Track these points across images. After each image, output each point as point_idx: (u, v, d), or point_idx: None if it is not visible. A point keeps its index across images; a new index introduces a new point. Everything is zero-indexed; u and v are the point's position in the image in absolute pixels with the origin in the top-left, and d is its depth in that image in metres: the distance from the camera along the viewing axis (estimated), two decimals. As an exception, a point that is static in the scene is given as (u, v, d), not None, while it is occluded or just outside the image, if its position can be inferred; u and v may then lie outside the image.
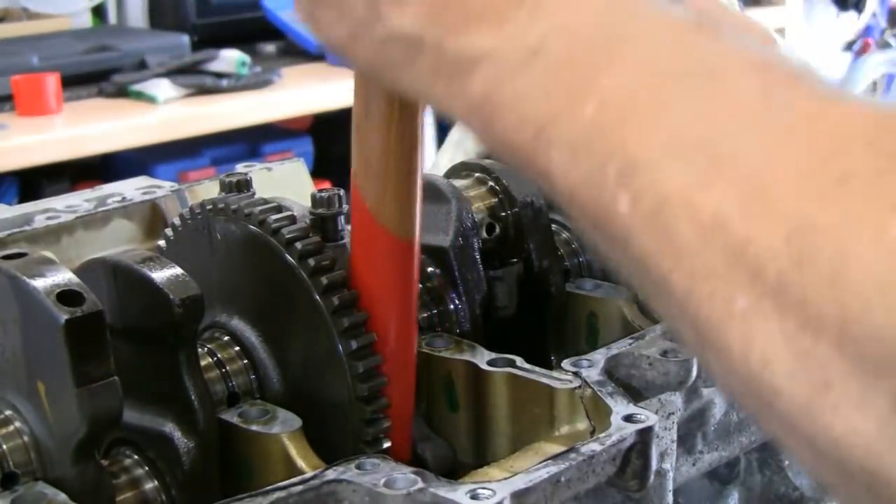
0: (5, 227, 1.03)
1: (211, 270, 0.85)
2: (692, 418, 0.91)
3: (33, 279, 0.70)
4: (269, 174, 1.18)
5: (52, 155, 2.86)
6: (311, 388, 0.82)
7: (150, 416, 0.78)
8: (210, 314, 0.83)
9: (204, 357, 0.83)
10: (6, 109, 2.92)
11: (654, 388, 0.84)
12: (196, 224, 0.86)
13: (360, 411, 0.80)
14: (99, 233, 1.07)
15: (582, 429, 0.81)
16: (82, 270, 0.78)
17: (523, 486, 0.69)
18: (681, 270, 0.49)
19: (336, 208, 0.84)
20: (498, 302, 0.96)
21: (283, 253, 0.81)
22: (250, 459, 0.79)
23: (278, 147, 3.32)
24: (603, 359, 0.84)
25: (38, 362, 0.71)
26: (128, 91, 3.00)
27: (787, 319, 0.46)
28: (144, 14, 3.59)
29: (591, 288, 0.99)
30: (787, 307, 0.46)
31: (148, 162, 3.02)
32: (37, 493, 0.71)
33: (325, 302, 0.79)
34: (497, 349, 0.87)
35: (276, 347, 0.84)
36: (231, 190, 0.88)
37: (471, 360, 0.86)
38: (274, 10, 3.36)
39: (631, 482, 0.76)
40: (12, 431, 0.74)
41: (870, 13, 4.28)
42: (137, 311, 0.78)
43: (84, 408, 0.69)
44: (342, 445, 0.80)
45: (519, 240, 0.98)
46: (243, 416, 0.80)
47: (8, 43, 3.20)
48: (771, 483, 1.09)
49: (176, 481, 0.78)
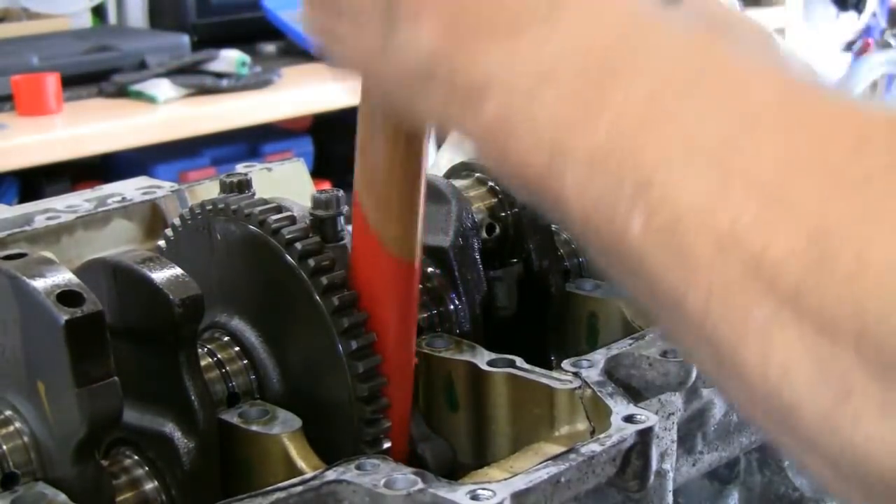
0: (5, 227, 1.03)
1: (211, 271, 0.85)
2: (692, 418, 0.91)
3: (33, 279, 0.70)
4: (269, 174, 1.18)
5: (52, 155, 2.86)
6: (311, 388, 0.82)
7: (150, 416, 0.78)
8: (210, 314, 0.83)
9: (204, 357, 0.83)
10: (6, 109, 2.92)
11: (654, 389, 0.84)
12: (196, 224, 0.86)
13: (360, 411, 0.80)
14: (99, 233, 1.07)
15: (582, 429, 0.81)
16: (82, 270, 0.78)
17: (523, 487, 0.69)
18: (696, 288, 0.48)
19: (336, 209, 0.84)
20: (498, 302, 0.96)
21: (283, 253, 0.81)
22: (250, 459, 0.79)
23: (278, 147, 3.32)
24: (603, 359, 0.84)
25: (38, 362, 0.71)
26: (128, 91, 3.00)
27: (804, 325, 0.45)
28: (144, 14, 3.59)
29: (591, 288, 0.99)
30: (805, 312, 0.45)
31: (148, 162, 3.02)
32: (37, 494, 0.71)
33: (325, 302, 0.79)
34: (497, 349, 0.87)
35: (276, 348, 0.84)
36: (231, 190, 0.88)
37: (471, 361, 0.86)
38: (274, 10, 3.36)
39: (631, 482, 0.76)
40: (12, 431, 0.74)
41: (870, 13, 4.28)
42: (137, 311, 0.78)
43: (84, 408, 0.69)
44: (342, 446, 0.80)
45: (519, 240, 0.98)
46: (243, 416, 0.80)
47: (8, 43, 3.20)
48: (771, 483, 1.09)
49: (176, 481, 0.78)
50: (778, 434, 0.49)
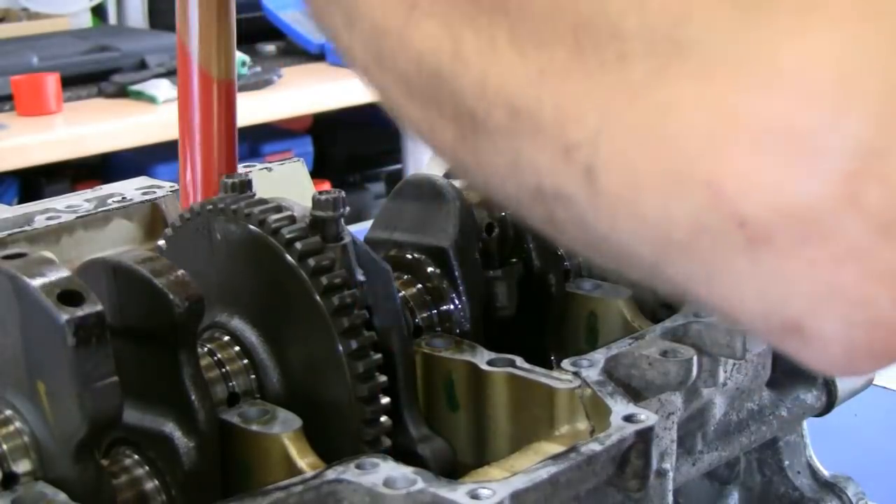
0: (5, 227, 1.03)
1: (211, 271, 0.85)
2: (692, 418, 0.92)
3: (33, 279, 0.70)
4: (269, 174, 1.18)
5: (52, 155, 2.87)
6: (311, 388, 0.83)
7: (150, 416, 0.78)
8: (210, 314, 0.83)
9: (204, 357, 0.83)
10: (6, 109, 2.92)
11: (654, 388, 0.84)
12: (196, 224, 0.86)
13: (360, 411, 0.80)
14: (99, 233, 1.07)
15: (582, 429, 0.81)
16: (82, 270, 0.78)
17: (523, 486, 0.69)
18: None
19: (337, 210, 0.84)
20: (498, 302, 0.96)
21: (283, 253, 0.81)
22: (250, 459, 0.79)
23: (278, 147, 3.32)
24: (603, 359, 0.84)
25: (38, 362, 0.71)
26: (128, 91, 3.01)
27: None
28: (144, 14, 3.60)
29: (591, 288, 0.99)
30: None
31: (148, 162, 3.03)
32: (37, 494, 0.71)
33: (325, 302, 0.80)
34: (497, 349, 0.87)
35: (276, 347, 0.84)
36: (231, 190, 0.88)
37: (471, 360, 0.86)
38: (274, 10, 3.36)
39: (631, 482, 0.76)
40: (12, 431, 0.74)
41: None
42: (137, 311, 0.78)
43: (84, 408, 0.69)
44: (342, 445, 0.80)
45: (519, 240, 0.98)
46: (243, 416, 0.80)
47: (8, 43, 3.21)
48: (771, 483, 1.09)
49: (176, 481, 0.78)
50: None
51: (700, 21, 0.43)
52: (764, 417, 1.02)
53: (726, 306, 0.47)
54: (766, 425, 1.02)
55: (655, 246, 0.46)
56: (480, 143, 0.50)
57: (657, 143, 0.44)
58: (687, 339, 0.88)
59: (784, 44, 0.41)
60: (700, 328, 0.88)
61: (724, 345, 0.88)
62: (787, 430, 1.07)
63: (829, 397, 1.06)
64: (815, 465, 1.10)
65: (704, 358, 0.88)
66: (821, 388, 1.06)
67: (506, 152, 0.49)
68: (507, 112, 0.48)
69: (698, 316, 0.89)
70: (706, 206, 0.43)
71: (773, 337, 0.46)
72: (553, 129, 0.46)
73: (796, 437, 1.09)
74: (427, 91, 0.51)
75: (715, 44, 0.42)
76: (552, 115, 0.46)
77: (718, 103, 0.42)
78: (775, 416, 1.03)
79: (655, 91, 0.43)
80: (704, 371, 0.88)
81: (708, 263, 0.45)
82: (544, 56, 0.46)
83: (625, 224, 0.46)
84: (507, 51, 0.47)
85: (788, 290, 0.44)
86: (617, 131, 0.45)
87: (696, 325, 0.88)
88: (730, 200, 0.42)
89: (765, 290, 0.44)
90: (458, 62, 0.49)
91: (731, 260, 0.44)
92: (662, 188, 0.44)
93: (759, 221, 0.42)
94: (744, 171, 0.42)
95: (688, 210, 0.44)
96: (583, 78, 0.45)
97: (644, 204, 0.45)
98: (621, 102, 0.44)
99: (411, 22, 0.50)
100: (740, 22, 0.42)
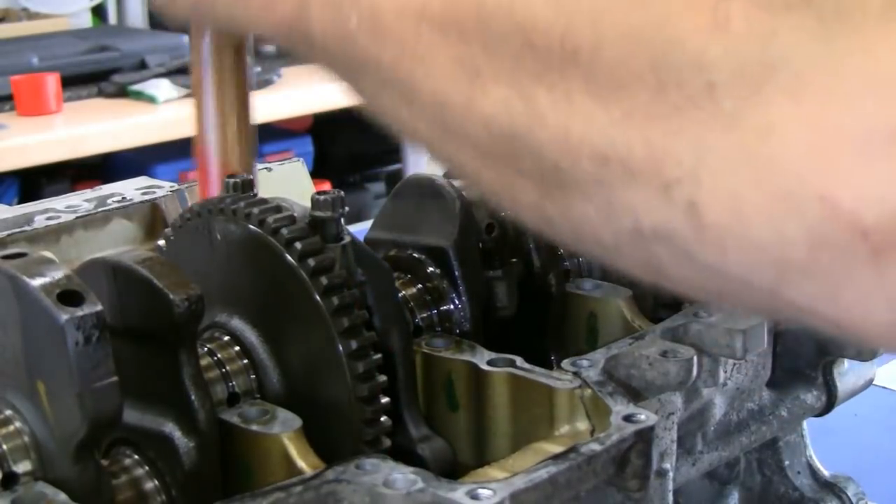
0: (5, 227, 1.03)
1: (211, 270, 0.85)
2: (692, 418, 0.92)
3: (33, 279, 0.70)
4: (269, 174, 1.18)
5: (52, 155, 2.87)
6: (310, 388, 0.83)
7: (150, 416, 0.78)
8: (210, 314, 0.83)
9: (204, 357, 0.83)
10: (6, 109, 2.92)
11: (654, 388, 0.84)
12: (196, 224, 0.86)
13: (360, 411, 0.80)
14: (99, 233, 1.07)
15: (582, 429, 0.81)
16: (82, 270, 0.78)
17: (523, 486, 0.69)
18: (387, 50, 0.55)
19: (336, 210, 0.84)
20: (498, 302, 0.96)
21: (283, 253, 0.81)
22: (250, 459, 0.79)
23: (278, 147, 3.33)
24: (603, 359, 0.84)
25: (38, 362, 0.71)
26: (128, 91, 3.01)
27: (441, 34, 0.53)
28: (144, 14, 3.60)
29: (591, 288, 0.99)
30: (441, 23, 0.52)
31: (148, 162, 3.03)
32: (37, 493, 0.71)
33: (325, 302, 0.80)
34: (497, 349, 0.87)
35: (276, 347, 0.84)
36: (231, 190, 0.88)
37: (471, 360, 0.86)
38: (274, 10, 3.35)
39: (631, 482, 0.76)
40: (12, 431, 0.74)
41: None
42: (137, 311, 0.78)
43: (84, 408, 0.69)
44: (342, 445, 0.80)
45: (519, 240, 0.98)
46: (243, 416, 0.80)
47: (8, 43, 3.21)
48: (771, 483, 1.09)
49: (176, 481, 0.78)
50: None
51: (787, 38, 0.42)
52: (764, 417, 1.02)
53: (854, 322, 0.46)
54: (766, 425, 1.02)
55: (772, 270, 0.46)
56: (568, 195, 0.50)
57: (761, 168, 0.43)
58: (687, 339, 0.88)
59: (876, 50, 0.40)
60: (700, 328, 0.88)
61: (724, 345, 0.88)
62: (787, 430, 1.07)
63: (829, 397, 1.06)
64: (815, 465, 1.10)
65: (704, 358, 0.88)
66: (821, 388, 1.06)
67: (597, 200, 0.49)
68: (595, 160, 0.47)
69: (698, 316, 0.89)
70: (824, 222, 0.42)
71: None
72: (647, 169, 0.46)
73: (796, 437, 1.09)
74: (502, 153, 0.51)
75: (805, 59, 0.42)
76: (644, 156, 0.46)
77: (819, 117, 0.42)
78: (775, 416, 1.03)
79: (751, 116, 0.43)
80: (704, 371, 0.88)
81: (831, 280, 0.44)
82: (625, 100, 0.46)
83: (736, 254, 0.46)
84: (585, 100, 0.47)
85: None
86: (716, 163, 0.44)
87: (696, 325, 0.88)
88: (848, 212, 0.42)
89: (894, 300, 0.43)
90: (534, 120, 0.49)
91: (855, 273, 0.43)
92: (773, 211, 0.44)
93: (881, 230, 0.41)
94: (857, 181, 0.41)
95: (804, 228, 0.43)
96: (671, 115, 0.45)
97: (755, 230, 0.44)
98: (716, 133, 0.44)
99: (476, 89, 0.51)
100: (828, 33, 0.42)
